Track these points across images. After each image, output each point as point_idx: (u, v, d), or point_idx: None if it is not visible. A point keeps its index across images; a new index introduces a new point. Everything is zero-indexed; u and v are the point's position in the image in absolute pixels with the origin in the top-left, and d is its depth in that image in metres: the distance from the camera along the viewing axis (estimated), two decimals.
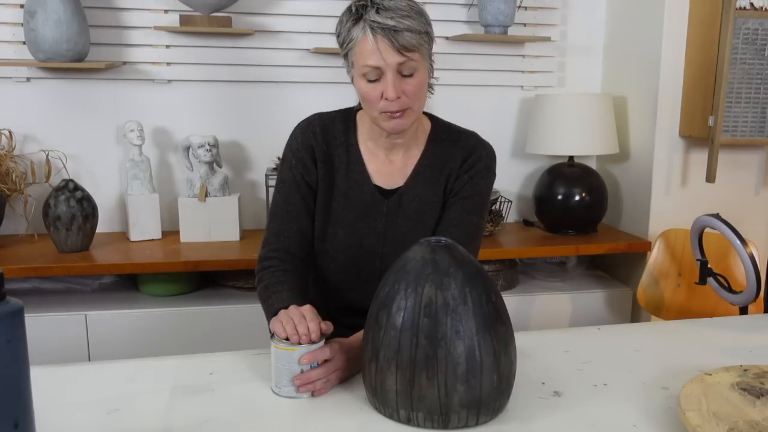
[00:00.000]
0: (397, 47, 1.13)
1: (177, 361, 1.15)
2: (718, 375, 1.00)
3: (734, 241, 1.63)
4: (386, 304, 0.94)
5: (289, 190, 1.31)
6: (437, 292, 0.91)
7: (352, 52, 1.18)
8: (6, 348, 0.71)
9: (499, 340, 0.92)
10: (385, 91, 1.16)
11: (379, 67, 1.15)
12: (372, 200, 1.30)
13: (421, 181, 1.31)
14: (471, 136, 1.34)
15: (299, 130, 1.32)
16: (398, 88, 1.16)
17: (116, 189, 2.31)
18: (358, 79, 1.20)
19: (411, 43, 1.14)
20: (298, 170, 1.30)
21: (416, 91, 1.19)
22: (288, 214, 1.30)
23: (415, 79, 1.18)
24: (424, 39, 1.17)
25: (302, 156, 1.30)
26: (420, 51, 1.17)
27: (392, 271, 0.97)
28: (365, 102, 1.21)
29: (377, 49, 1.13)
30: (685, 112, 2.20)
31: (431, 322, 0.89)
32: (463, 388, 0.89)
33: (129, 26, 2.21)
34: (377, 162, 1.32)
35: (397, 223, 1.31)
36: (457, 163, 1.31)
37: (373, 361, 0.94)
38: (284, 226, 1.30)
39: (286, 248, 1.29)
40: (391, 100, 1.17)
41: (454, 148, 1.32)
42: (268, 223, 1.33)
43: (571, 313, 2.27)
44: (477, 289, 0.92)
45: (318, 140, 1.30)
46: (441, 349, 0.89)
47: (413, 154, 1.32)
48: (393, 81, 1.15)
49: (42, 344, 1.89)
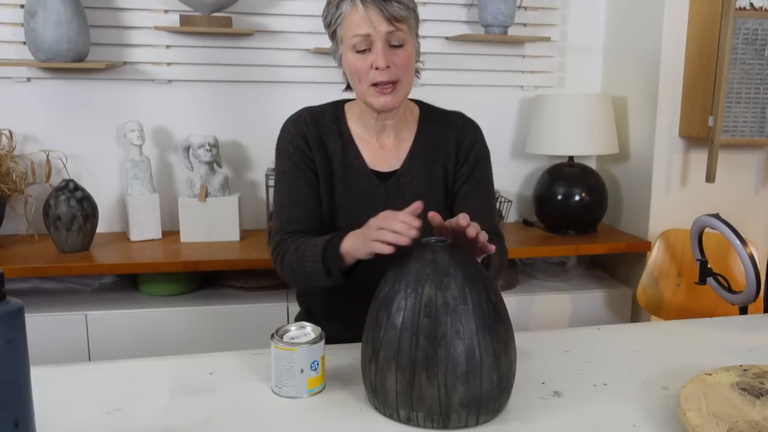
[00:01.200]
0: (386, 16, 1.16)
1: (177, 361, 1.15)
2: (717, 375, 1.00)
3: (734, 241, 1.63)
4: (386, 304, 0.94)
5: (292, 177, 1.30)
6: (437, 292, 0.91)
7: (341, 27, 1.20)
8: (6, 348, 0.71)
9: (499, 340, 0.92)
10: (375, 60, 1.18)
11: (368, 35, 1.17)
12: (369, 185, 1.31)
13: (418, 163, 1.32)
14: (459, 116, 1.38)
15: (290, 123, 1.33)
16: (388, 57, 1.19)
17: (116, 189, 2.31)
18: (347, 54, 1.22)
19: (400, 14, 1.17)
20: (298, 157, 1.30)
21: (405, 62, 1.21)
22: (296, 200, 1.29)
23: (405, 51, 1.21)
24: (412, 15, 1.21)
25: (299, 143, 1.30)
26: (408, 24, 1.20)
27: (392, 271, 0.97)
28: (354, 76, 1.23)
29: (367, 18, 1.16)
30: (684, 112, 2.20)
31: (431, 322, 0.89)
32: (463, 388, 0.89)
33: (129, 26, 2.22)
34: (369, 147, 1.32)
35: (397, 206, 1.29)
36: (452, 144, 1.33)
37: (373, 361, 0.94)
38: (295, 211, 1.29)
39: (301, 230, 1.27)
40: (382, 69, 1.18)
41: (446, 128, 1.34)
42: (276, 214, 1.31)
43: (571, 313, 2.27)
44: (477, 289, 0.92)
45: (310, 129, 1.31)
46: (441, 349, 0.89)
47: (404, 138, 1.33)
48: (383, 49, 1.18)
49: (42, 344, 1.89)
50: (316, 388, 1.03)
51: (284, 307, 2.05)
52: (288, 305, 2.05)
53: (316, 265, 1.18)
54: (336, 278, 1.17)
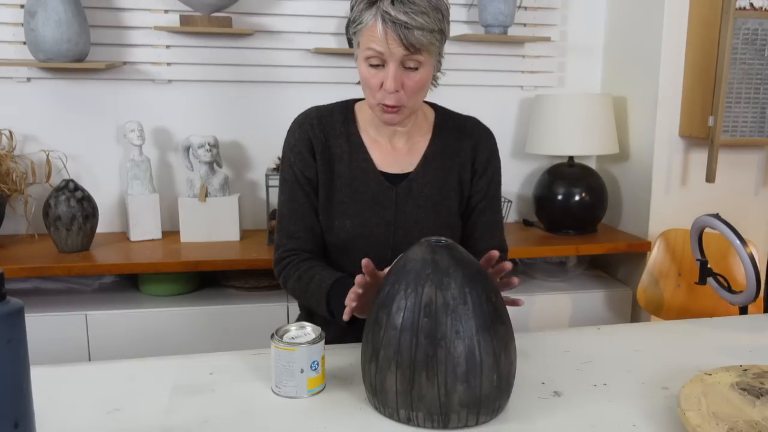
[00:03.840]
0: (405, 44, 1.11)
1: (177, 361, 1.15)
2: (717, 375, 1.00)
3: (734, 241, 1.63)
4: (386, 304, 0.94)
5: (291, 188, 1.31)
6: (437, 292, 0.91)
7: (360, 33, 1.16)
8: (6, 348, 0.71)
9: (499, 340, 0.92)
10: (384, 81, 1.15)
11: (382, 53, 1.13)
12: (379, 188, 1.29)
13: (433, 168, 1.31)
14: (475, 123, 1.37)
15: (296, 125, 1.32)
16: (399, 80, 1.15)
17: (116, 189, 2.31)
18: (361, 62, 1.19)
19: (421, 42, 1.12)
20: (297, 167, 1.30)
21: (416, 88, 1.17)
22: (294, 213, 1.30)
23: (418, 75, 1.16)
24: (436, 38, 1.15)
25: (300, 150, 1.29)
26: (429, 50, 1.14)
27: (392, 271, 0.97)
28: (365, 87, 1.21)
29: (384, 39, 1.11)
30: (684, 112, 2.20)
31: (431, 322, 0.89)
32: (462, 388, 0.89)
33: (129, 26, 2.22)
34: (380, 149, 1.31)
35: (408, 210, 1.29)
36: (468, 152, 1.33)
37: (373, 361, 0.94)
38: (293, 227, 1.30)
39: (300, 247, 1.30)
40: (389, 92, 1.16)
41: (462, 136, 1.33)
42: (278, 224, 1.34)
43: (571, 313, 2.27)
44: (477, 289, 0.92)
45: (315, 132, 1.29)
46: (441, 349, 0.89)
47: (417, 140, 1.32)
48: (394, 73, 1.14)
49: (42, 344, 1.89)
50: (316, 388, 1.03)
51: (284, 307, 2.05)
52: (288, 305, 2.05)
53: (320, 305, 1.23)
54: (340, 321, 1.17)
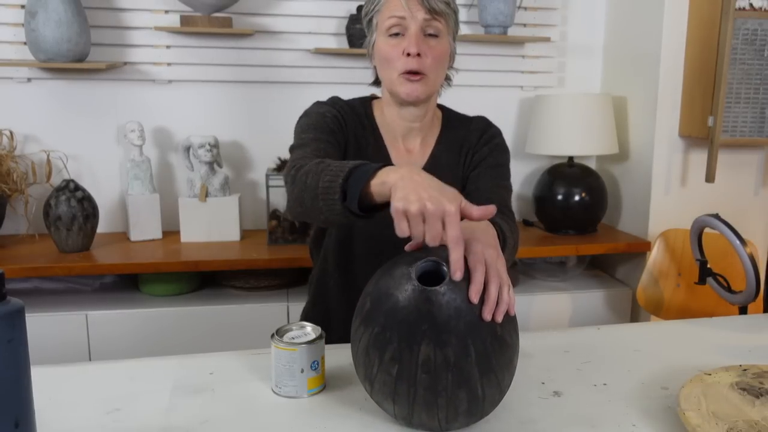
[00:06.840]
0: (426, 7, 1.16)
1: (177, 361, 1.15)
2: (717, 375, 1.00)
3: (734, 241, 1.63)
4: (378, 347, 0.85)
5: (318, 129, 1.19)
6: (436, 351, 0.82)
7: (378, 13, 1.20)
8: (6, 348, 0.71)
9: (503, 369, 0.88)
10: (407, 46, 1.17)
11: (404, 18, 1.17)
12: None
13: (441, 165, 1.31)
14: (481, 119, 1.38)
15: (325, 103, 1.26)
16: (420, 45, 1.18)
17: (117, 189, 2.31)
18: (379, 40, 1.21)
19: (440, 8, 1.17)
20: (329, 118, 1.22)
21: (437, 55, 1.20)
22: (318, 141, 1.18)
23: (439, 43, 1.20)
24: (451, 14, 1.21)
25: (336, 115, 1.25)
26: (446, 20, 1.20)
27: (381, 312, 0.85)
28: (384, 62, 1.21)
29: (407, 5, 1.17)
30: (684, 112, 2.20)
31: (430, 378, 0.82)
32: (464, 418, 0.87)
33: (129, 27, 2.22)
34: (397, 151, 1.31)
35: None
36: (473, 141, 1.33)
37: (367, 383, 0.92)
38: (317, 145, 1.17)
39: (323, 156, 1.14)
40: (413, 56, 1.17)
41: (468, 131, 1.34)
42: (293, 154, 1.16)
43: (571, 313, 2.27)
44: (481, 336, 0.83)
45: (346, 115, 1.27)
46: (441, 398, 0.83)
47: (429, 143, 1.33)
48: (416, 35, 1.17)
49: (42, 344, 1.89)
50: (316, 388, 1.03)
51: (284, 307, 2.05)
52: (288, 305, 2.05)
53: (335, 180, 0.93)
54: (350, 203, 0.93)
